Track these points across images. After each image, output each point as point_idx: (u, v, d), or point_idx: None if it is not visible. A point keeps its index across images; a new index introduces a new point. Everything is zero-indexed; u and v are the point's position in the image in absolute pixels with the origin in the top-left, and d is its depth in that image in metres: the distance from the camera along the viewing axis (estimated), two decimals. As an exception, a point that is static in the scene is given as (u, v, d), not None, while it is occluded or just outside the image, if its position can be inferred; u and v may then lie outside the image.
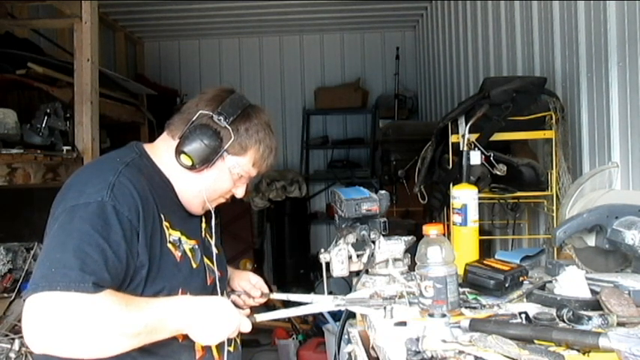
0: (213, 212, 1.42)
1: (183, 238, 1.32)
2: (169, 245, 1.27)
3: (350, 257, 1.58)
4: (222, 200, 1.43)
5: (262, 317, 1.33)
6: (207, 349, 1.33)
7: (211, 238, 1.46)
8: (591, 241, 1.69)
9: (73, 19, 2.90)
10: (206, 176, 1.34)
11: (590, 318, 1.21)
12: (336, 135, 6.35)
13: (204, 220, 1.47)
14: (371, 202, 1.62)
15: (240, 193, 1.43)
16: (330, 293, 1.50)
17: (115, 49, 5.62)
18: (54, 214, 1.21)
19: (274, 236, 6.02)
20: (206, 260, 1.40)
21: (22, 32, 3.41)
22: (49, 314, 1.04)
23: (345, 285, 3.44)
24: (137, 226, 1.18)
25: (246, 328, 1.27)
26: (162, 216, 1.27)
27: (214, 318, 1.21)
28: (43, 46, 3.59)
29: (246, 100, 1.39)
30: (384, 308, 1.34)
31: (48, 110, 2.54)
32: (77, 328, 1.04)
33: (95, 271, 1.08)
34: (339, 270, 1.58)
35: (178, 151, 1.30)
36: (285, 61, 6.34)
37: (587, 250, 1.73)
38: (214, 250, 1.45)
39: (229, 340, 1.38)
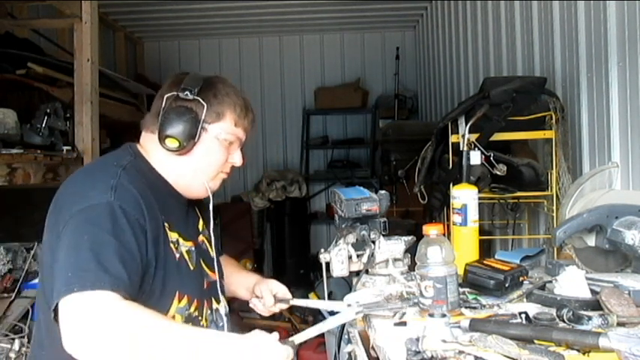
0: (211, 196, 1.39)
1: (181, 240, 1.31)
2: (171, 245, 1.27)
3: (350, 257, 1.58)
4: (224, 176, 1.41)
5: (300, 338, 1.27)
6: None
7: (208, 240, 1.46)
8: (591, 241, 1.69)
9: (73, 19, 2.90)
10: (197, 153, 1.33)
11: (590, 318, 1.21)
12: (336, 135, 6.35)
13: (201, 219, 1.47)
14: (371, 202, 1.62)
15: (237, 160, 1.40)
16: (330, 293, 1.50)
17: (115, 49, 5.62)
18: (52, 223, 1.20)
19: (274, 236, 6.02)
20: (202, 264, 1.39)
21: (22, 32, 3.41)
22: (74, 319, 1.03)
23: (345, 285, 3.44)
24: (144, 225, 1.18)
25: (291, 357, 1.18)
26: (162, 217, 1.26)
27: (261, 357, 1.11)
28: (43, 46, 3.59)
29: (205, 74, 1.39)
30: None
31: (48, 110, 2.54)
32: (104, 325, 1.01)
33: (111, 268, 1.07)
34: (339, 270, 1.58)
35: (162, 138, 1.30)
36: (285, 61, 6.34)
37: (587, 250, 1.72)
38: (212, 254, 1.45)
39: None
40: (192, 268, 1.33)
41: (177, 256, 1.28)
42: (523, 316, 1.28)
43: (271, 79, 6.29)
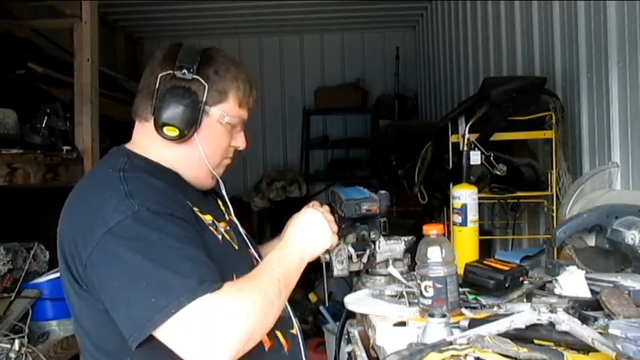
0: (222, 182, 1.32)
1: (216, 222, 1.23)
2: (211, 228, 1.19)
3: (350, 257, 1.58)
4: (228, 161, 1.31)
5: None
6: (273, 337, 1.22)
7: (235, 224, 1.36)
8: (591, 241, 1.69)
9: (73, 19, 2.90)
10: (198, 141, 1.21)
11: (596, 319, 1.21)
12: (336, 135, 6.35)
13: (220, 203, 1.38)
14: (371, 202, 1.62)
15: (241, 143, 1.30)
16: (330, 293, 1.50)
17: (115, 49, 5.62)
18: (68, 247, 1.09)
19: (274, 236, 6.00)
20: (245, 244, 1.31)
21: (22, 32, 3.41)
22: (189, 337, 0.96)
23: (345, 285, 3.44)
24: (180, 214, 1.08)
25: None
26: (189, 202, 1.16)
27: (313, 228, 1.32)
28: (43, 46, 3.59)
29: (200, 46, 1.27)
30: None
31: (48, 110, 2.54)
32: (231, 321, 0.98)
33: (186, 271, 0.99)
34: (339, 270, 1.58)
35: (159, 126, 1.16)
36: (285, 61, 6.33)
37: (587, 250, 1.72)
38: (242, 231, 1.35)
39: (290, 323, 1.32)
40: (237, 248, 1.26)
41: (220, 237, 1.21)
42: (523, 316, 1.28)
43: (271, 79, 6.28)
